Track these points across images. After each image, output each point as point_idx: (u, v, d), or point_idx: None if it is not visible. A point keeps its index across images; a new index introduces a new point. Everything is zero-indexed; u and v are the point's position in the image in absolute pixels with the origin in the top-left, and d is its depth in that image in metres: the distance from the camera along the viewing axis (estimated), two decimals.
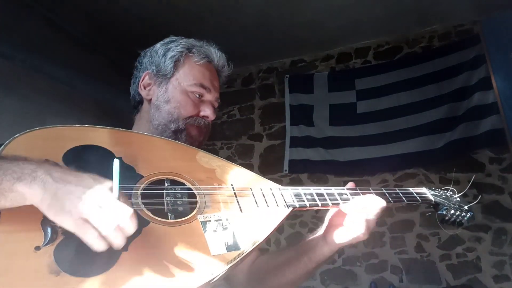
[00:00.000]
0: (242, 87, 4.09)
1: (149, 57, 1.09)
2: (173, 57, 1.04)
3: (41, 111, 2.77)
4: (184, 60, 1.05)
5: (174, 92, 1.03)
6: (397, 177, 3.32)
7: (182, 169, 0.82)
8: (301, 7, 3.06)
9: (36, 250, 0.57)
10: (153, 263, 0.63)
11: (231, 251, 0.71)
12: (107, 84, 3.17)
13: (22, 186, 0.57)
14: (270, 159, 3.78)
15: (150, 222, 0.69)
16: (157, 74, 1.05)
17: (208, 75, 1.07)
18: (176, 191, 0.77)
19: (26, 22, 2.77)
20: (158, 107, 1.03)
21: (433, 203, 1.07)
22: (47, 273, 0.56)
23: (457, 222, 1.08)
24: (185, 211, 0.75)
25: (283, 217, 0.82)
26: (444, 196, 1.13)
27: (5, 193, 0.57)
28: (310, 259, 0.95)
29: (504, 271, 2.85)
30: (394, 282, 3.04)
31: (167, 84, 1.04)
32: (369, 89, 3.52)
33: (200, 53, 1.07)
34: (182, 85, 1.04)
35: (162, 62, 1.05)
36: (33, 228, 0.59)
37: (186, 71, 1.05)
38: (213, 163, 0.89)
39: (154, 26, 3.10)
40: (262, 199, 0.84)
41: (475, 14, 3.21)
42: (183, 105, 1.02)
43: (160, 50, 1.07)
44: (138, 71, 1.11)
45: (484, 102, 3.05)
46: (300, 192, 0.88)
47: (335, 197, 0.90)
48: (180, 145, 0.93)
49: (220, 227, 0.74)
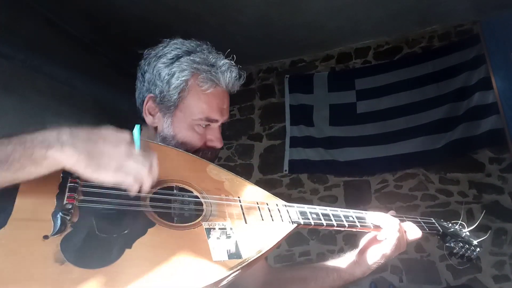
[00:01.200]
0: (242, 87, 4.05)
1: (151, 74, 0.98)
2: (177, 87, 0.95)
3: (41, 111, 2.77)
4: (190, 89, 0.96)
5: (179, 128, 0.97)
6: (397, 177, 3.32)
7: (191, 179, 0.84)
8: (301, 7, 3.06)
9: (45, 239, 0.60)
10: (155, 262, 0.65)
11: (233, 258, 0.72)
12: (107, 84, 3.18)
13: (55, 152, 0.60)
14: (270, 159, 3.78)
15: (156, 223, 0.71)
16: (161, 102, 0.97)
17: (215, 104, 0.98)
18: (184, 198, 0.79)
19: (26, 22, 2.77)
20: (165, 139, 0.98)
21: (441, 233, 1.07)
22: (53, 261, 0.58)
23: (466, 256, 1.07)
24: (190, 217, 0.76)
25: (287, 232, 0.84)
26: (452, 229, 1.12)
27: (41, 161, 0.60)
28: (340, 277, 0.99)
29: (504, 271, 2.85)
30: (394, 282, 3.04)
31: (171, 117, 0.97)
32: (369, 89, 3.53)
33: (208, 80, 0.96)
34: (187, 120, 0.97)
35: (166, 90, 0.96)
36: (44, 218, 0.62)
37: (191, 103, 0.96)
38: (222, 176, 0.91)
39: (154, 26, 3.09)
40: (268, 214, 0.85)
41: (475, 14, 3.21)
42: (189, 141, 0.97)
43: (163, 73, 0.96)
44: (141, 84, 1.02)
45: (484, 102, 3.05)
46: (305, 210, 0.90)
47: (341, 218, 0.92)
48: (190, 157, 0.94)
49: (224, 235, 0.76)
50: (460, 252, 1.06)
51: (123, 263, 0.62)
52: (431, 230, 1.05)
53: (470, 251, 1.07)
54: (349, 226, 0.91)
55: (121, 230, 0.66)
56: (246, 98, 4.03)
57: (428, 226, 1.05)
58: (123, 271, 0.61)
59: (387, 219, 0.94)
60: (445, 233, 1.07)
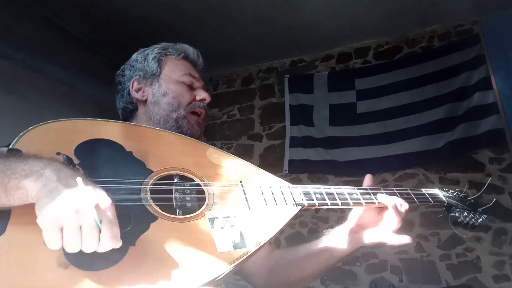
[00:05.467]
0: (242, 87, 4.09)
1: (129, 68, 1.15)
2: (155, 58, 1.11)
3: (41, 111, 2.77)
4: (165, 59, 1.12)
5: (168, 85, 1.09)
6: (397, 177, 3.32)
7: (191, 165, 0.83)
8: (301, 7, 3.06)
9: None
10: (159, 259, 0.64)
11: (238, 248, 0.71)
12: (107, 84, 3.17)
13: (28, 182, 0.57)
14: (270, 159, 3.77)
15: (159, 217, 0.69)
16: (145, 76, 1.10)
17: (190, 67, 1.15)
18: (185, 187, 0.78)
19: (26, 22, 2.78)
20: (157, 102, 1.07)
21: (446, 205, 1.06)
22: (56, 265, 0.57)
23: (470, 224, 1.06)
24: (193, 207, 0.75)
25: (291, 215, 0.83)
26: (457, 198, 1.11)
27: (12, 192, 0.57)
28: (332, 255, 0.99)
29: (504, 271, 2.85)
30: (394, 282, 3.03)
31: (159, 81, 1.09)
32: (369, 89, 3.52)
33: (176, 50, 1.14)
34: (173, 78, 1.10)
35: (146, 65, 1.11)
36: None
37: (171, 66, 1.12)
38: (222, 159, 0.89)
39: (154, 26, 3.10)
40: (271, 197, 0.84)
41: (475, 14, 3.21)
42: (180, 94, 1.08)
43: (139, 57, 1.14)
44: (123, 84, 1.14)
45: (484, 102, 3.04)
46: (309, 190, 0.88)
47: (345, 196, 0.91)
48: (189, 140, 0.93)
49: (228, 224, 0.74)
50: (465, 221, 1.05)
51: (128, 262, 0.61)
52: (435, 202, 1.04)
53: (474, 219, 1.06)
54: (353, 204, 0.90)
55: (123, 227, 0.63)
56: (246, 98, 4.02)
57: (433, 198, 1.04)
58: (128, 271, 0.60)
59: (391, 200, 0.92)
60: (450, 203, 1.06)
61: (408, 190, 1.01)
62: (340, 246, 0.98)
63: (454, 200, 1.09)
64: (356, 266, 3.23)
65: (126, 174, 0.72)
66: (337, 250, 0.98)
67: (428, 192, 1.06)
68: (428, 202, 1.03)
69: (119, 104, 1.15)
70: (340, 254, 0.98)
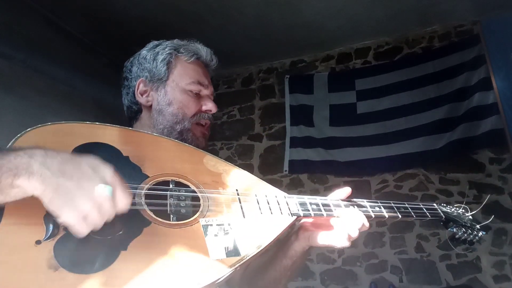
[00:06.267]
0: (242, 87, 4.09)
1: (137, 65, 1.09)
2: (164, 60, 1.05)
3: (41, 111, 2.77)
4: (175, 62, 1.06)
5: (174, 94, 1.04)
6: (397, 177, 3.32)
7: (187, 171, 0.82)
8: (301, 8, 3.06)
9: (37, 244, 0.57)
10: (151, 263, 0.63)
11: (231, 256, 0.71)
12: (107, 84, 3.18)
13: (22, 182, 0.56)
14: (270, 160, 3.78)
15: (152, 222, 0.69)
16: (151, 79, 1.05)
17: (201, 71, 1.09)
18: (180, 193, 0.77)
19: (26, 22, 2.78)
20: (161, 111, 1.03)
21: (444, 220, 1.04)
22: (46, 267, 0.56)
23: (468, 241, 1.04)
24: (187, 214, 0.74)
25: (286, 225, 0.82)
26: (455, 213, 1.09)
27: (6, 190, 0.57)
28: (285, 255, 0.96)
29: (504, 271, 2.85)
30: (394, 282, 3.04)
31: (165, 88, 1.04)
32: (369, 89, 3.52)
33: (189, 51, 1.07)
34: (180, 85, 1.04)
35: (154, 67, 1.05)
36: (36, 222, 0.59)
37: (180, 71, 1.06)
38: (219, 167, 0.88)
39: (154, 26, 3.10)
40: (267, 206, 0.83)
41: (475, 14, 3.21)
42: (186, 105, 1.03)
43: (148, 55, 1.07)
44: (129, 81, 1.09)
45: (484, 102, 3.05)
46: (305, 201, 0.88)
47: (342, 208, 0.90)
48: (187, 147, 0.92)
49: (222, 232, 0.74)
50: (463, 237, 1.03)
51: (119, 266, 0.60)
52: (433, 217, 1.02)
53: (472, 236, 1.04)
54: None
55: (115, 231, 0.63)
56: (246, 99, 4.03)
57: (431, 213, 1.02)
58: (118, 275, 0.60)
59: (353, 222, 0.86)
60: (447, 218, 1.04)
61: (406, 204, 0.99)
62: (290, 245, 0.95)
63: (452, 216, 1.07)
64: (356, 266, 3.23)
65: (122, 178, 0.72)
66: (288, 250, 0.95)
67: (426, 206, 1.04)
68: (426, 217, 1.01)
69: (125, 101, 1.12)
70: (291, 253, 0.95)
